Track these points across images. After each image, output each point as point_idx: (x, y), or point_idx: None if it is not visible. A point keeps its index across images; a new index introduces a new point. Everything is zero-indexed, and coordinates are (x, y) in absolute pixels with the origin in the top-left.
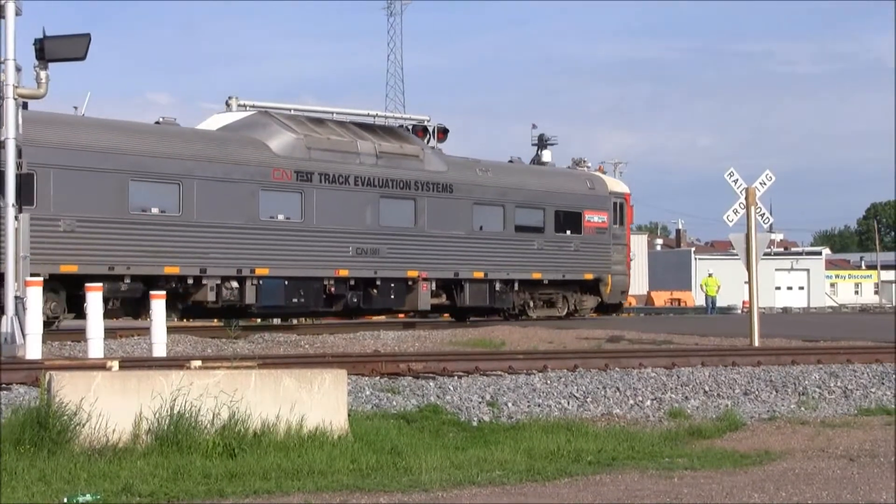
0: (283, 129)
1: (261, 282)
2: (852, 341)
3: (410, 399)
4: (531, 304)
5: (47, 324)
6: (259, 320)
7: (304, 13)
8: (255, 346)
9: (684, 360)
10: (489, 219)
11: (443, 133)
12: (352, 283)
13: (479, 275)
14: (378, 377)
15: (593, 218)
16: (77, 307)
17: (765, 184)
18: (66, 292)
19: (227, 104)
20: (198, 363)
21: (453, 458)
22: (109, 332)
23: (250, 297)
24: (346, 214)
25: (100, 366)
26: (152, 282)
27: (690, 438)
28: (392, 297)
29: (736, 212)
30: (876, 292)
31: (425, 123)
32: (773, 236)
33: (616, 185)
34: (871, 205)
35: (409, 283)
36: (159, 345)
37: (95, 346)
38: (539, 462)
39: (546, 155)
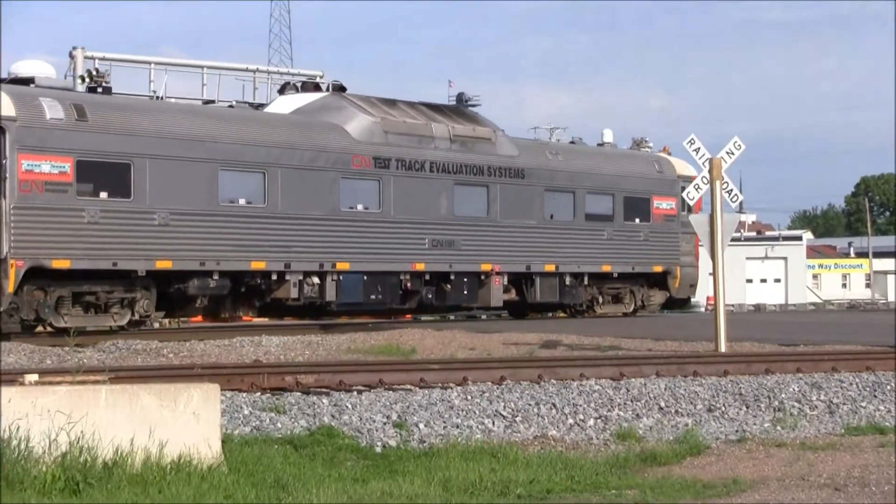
0: (360, 112)
1: (341, 277)
2: (839, 345)
3: (299, 419)
4: (599, 299)
5: (138, 323)
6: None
7: None
8: (107, 356)
9: (635, 369)
10: (560, 206)
11: (339, 92)
12: (426, 277)
13: (551, 268)
14: (259, 393)
15: (661, 204)
16: (167, 305)
17: (732, 153)
18: (156, 289)
19: (71, 56)
20: (34, 377)
21: (351, 493)
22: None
23: (331, 294)
24: (422, 203)
25: None
26: (238, 278)
27: (642, 465)
28: (465, 292)
29: (698, 188)
30: (867, 285)
31: (318, 80)
32: (743, 217)
33: (684, 167)
34: (862, 179)
35: (482, 277)
36: None
37: None
38: (457, 496)
39: (607, 134)
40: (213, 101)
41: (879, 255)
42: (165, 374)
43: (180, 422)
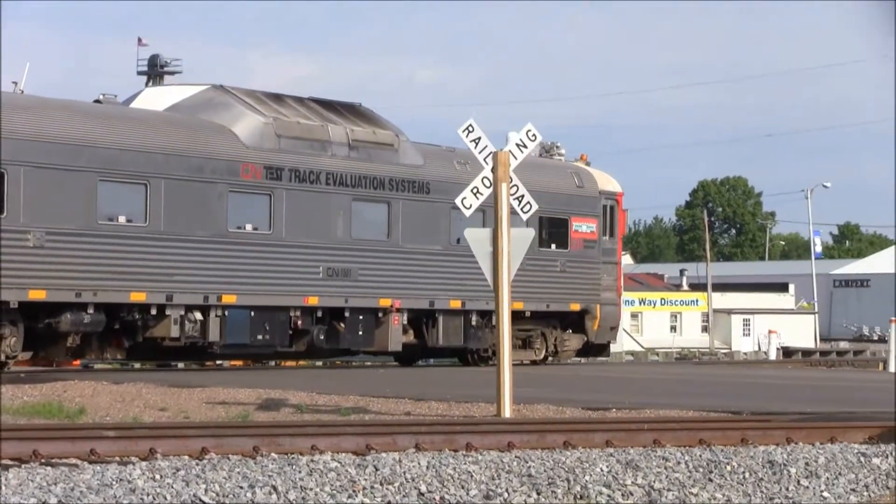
0: (248, 111)
1: (226, 313)
2: (663, 410)
3: None
4: None
5: (1, 365)
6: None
7: None
8: None
9: (387, 440)
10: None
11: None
12: (318, 314)
13: (456, 304)
14: None
15: (581, 227)
16: (35, 344)
17: (524, 146)
18: (24, 324)
19: None
20: None
21: None
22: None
23: (214, 333)
24: (316, 223)
25: None
26: (114, 311)
27: None
28: (360, 333)
29: (477, 192)
30: (705, 329)
31: None
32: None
33: (607, 181)
34: (699, 184)
35: (379, 314)
36: None
37: None
38: None
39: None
40: None
41: (721, 287)
42: None
43: None
